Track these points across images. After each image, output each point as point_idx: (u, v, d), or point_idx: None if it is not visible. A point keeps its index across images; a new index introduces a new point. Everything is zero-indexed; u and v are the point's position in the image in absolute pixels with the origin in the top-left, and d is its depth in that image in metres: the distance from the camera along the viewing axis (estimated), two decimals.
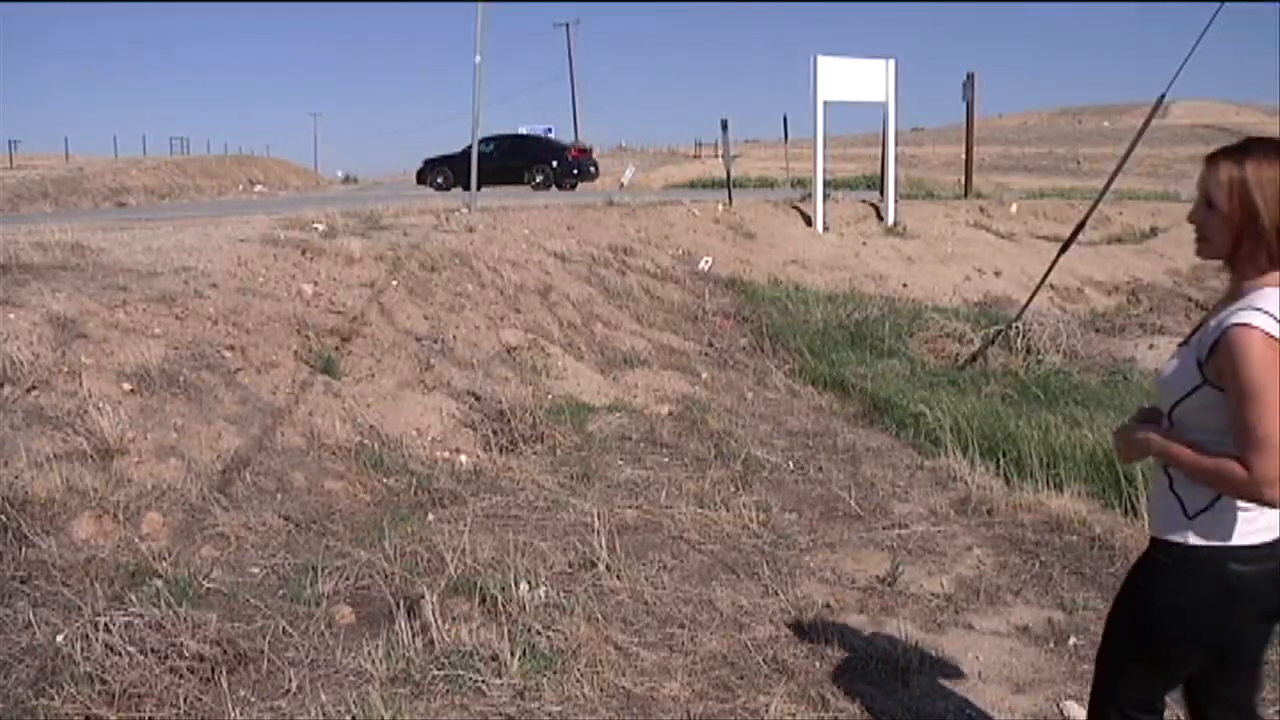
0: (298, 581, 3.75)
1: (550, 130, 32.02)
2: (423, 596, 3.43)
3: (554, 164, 24.50)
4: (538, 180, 24.21)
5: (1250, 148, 1.93)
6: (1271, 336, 1.84)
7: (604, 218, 12.80)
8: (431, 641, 3.23)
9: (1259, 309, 1.87)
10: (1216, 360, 1.90)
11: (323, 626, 3.44)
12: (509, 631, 3.32)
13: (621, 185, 26.74)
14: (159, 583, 3.52)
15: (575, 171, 24.53)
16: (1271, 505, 1.87)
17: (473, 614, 3.48)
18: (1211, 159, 1.98)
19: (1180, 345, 2.10)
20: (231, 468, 4.56)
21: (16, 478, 3.93)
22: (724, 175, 17.59)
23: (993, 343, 9.25)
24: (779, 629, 3.56)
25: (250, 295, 6.29)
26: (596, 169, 26.17)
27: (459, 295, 7.98)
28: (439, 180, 25.26)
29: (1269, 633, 2.11)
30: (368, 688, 2.98)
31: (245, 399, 5.17)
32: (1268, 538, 1.96)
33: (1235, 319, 1.87)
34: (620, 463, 5.63)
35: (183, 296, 5.84)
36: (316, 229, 8.69)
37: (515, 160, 24.65)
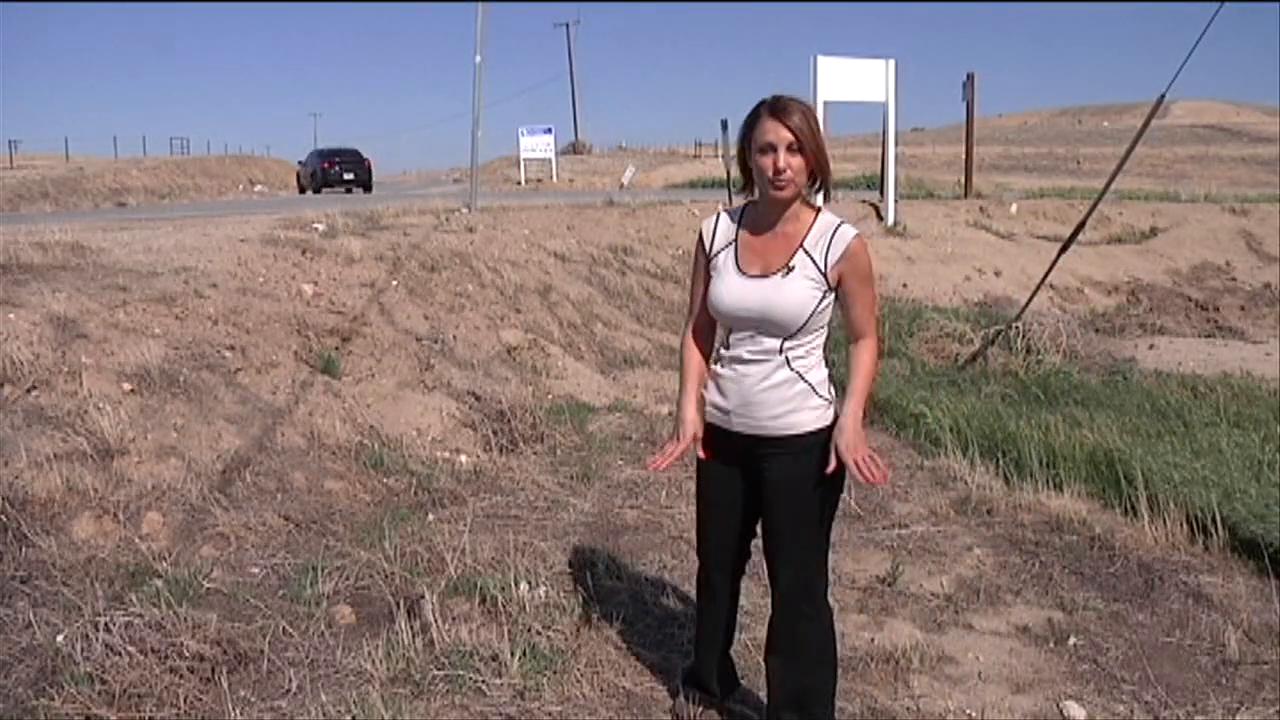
0: (298, 581, 3.74)
1: (550, 130, 32.05)
2: (423, 596, 3.43)
3: (315, 173, 30.85)
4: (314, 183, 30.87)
5: (792, 103, 2.37)
6: (863, 238, 2.47)
7: (604, 218, 12.81)
8: (431, 641, 3.22)
9: (846, 221, 2.46)
10: (842, 266, 2.41)
11: (323, 626, 3.43)
12: (509, 631, 3.32)
13: (622, 185, 26.77)
14: (159, 583, 3.52)
15: (329, 180, 30.29)
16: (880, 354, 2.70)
17: (473, 614, 3.48)
18: (779, 115, 2.34)
19: (762, 277, 2.45)
20: (231, 468, 4.56)
21: (16, 478, 3.93)
22: (724, 175, 17.59)
23: (993, 343, 9.25)
24: None
25: (250, 295, 6.29)
26: (358, 176, 30.56)
27: (459, 295, 7.98)
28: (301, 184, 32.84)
29: None
30: (368, 688, 2.98)
31: (245, 399, 5.16)
32: None
33: (849, 232, 2.43)
34: (620, 463, 5.63)
35: (183, 296, 5.84)
36: (316, 229, 8.69)
37: (310, 168, 31.78)
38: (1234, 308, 14.63)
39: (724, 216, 2.61)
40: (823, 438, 2.48)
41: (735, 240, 2.54)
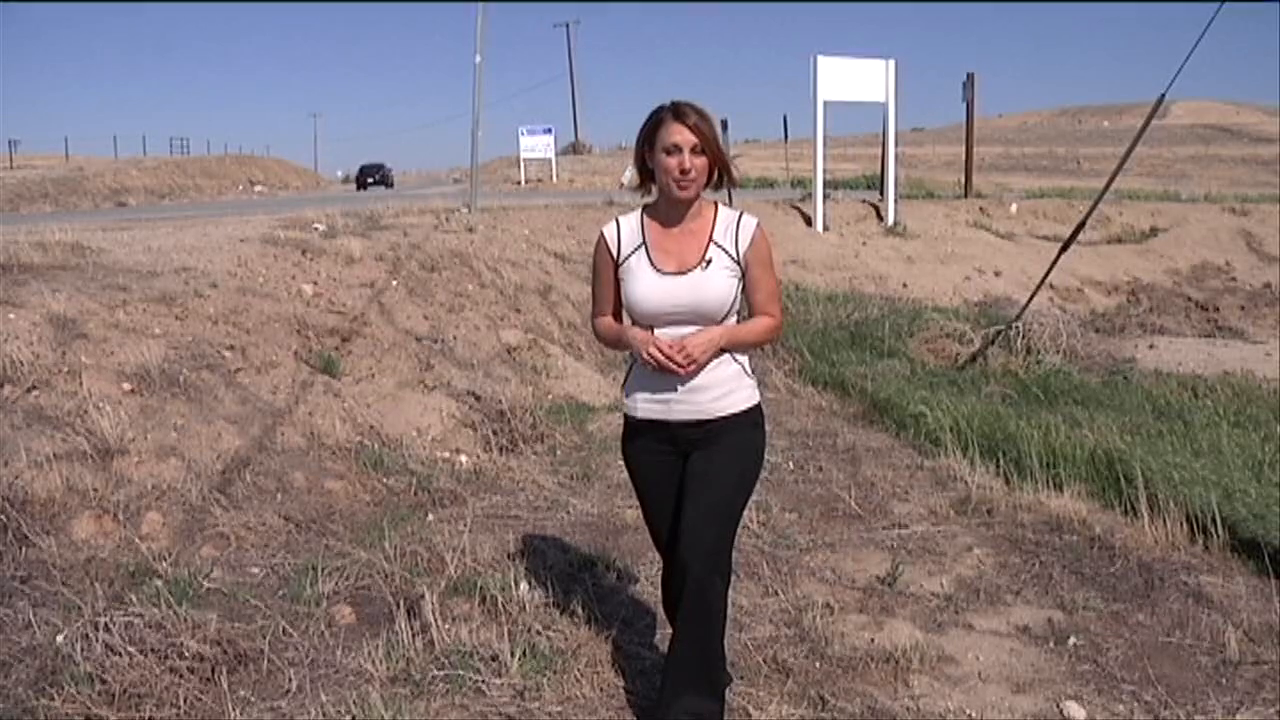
0: (298, 581, 3.74)
1: (549, 130, 32.19)
2: (423, 596, 3.43)
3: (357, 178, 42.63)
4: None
5: (693, 108, 2.55)
6: (762, 226, 2.70)
7: (604, 218, 12.74)
8: (431, 641, 3.22)
9: (745, 212, 2.68)
10: (751, 253, 2.62)
11: (323, 626, 3.43)
12: (509, 631, 3.32)
13: (622, 185, 26.76)
14: (159, 583, 3.52)
15: (358, 184, 41.27)
16: (778, 337, 2.87)
17: (473, 614, 3.48)
18: (683, 119, 2.52)
19: (680, 274, 2.59)
20: (231, 468, 4.56)
21: (16, 478, 3.93)
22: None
23: (993, 343, 9.24)
24: (779, 629, 3.55)
25: (250, 295, 6.29)
26: (375, 179, 41.46)
27: (459, 295, 7.98)
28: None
29: None
30: (368, 688, 2.98)
31: (245, 399, 5.16)
32: None
33: (752, 222, 2.65)
34: (620, 463, 5.62)
35: (183, 296, 5.84)
36: (316, 229, 8.69)
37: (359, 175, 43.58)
38: (1234, 308, 14.64)
39: (624, 222, 2.71)
40: (755, 415, 2.70)
41: (644, 242, 2.64)
